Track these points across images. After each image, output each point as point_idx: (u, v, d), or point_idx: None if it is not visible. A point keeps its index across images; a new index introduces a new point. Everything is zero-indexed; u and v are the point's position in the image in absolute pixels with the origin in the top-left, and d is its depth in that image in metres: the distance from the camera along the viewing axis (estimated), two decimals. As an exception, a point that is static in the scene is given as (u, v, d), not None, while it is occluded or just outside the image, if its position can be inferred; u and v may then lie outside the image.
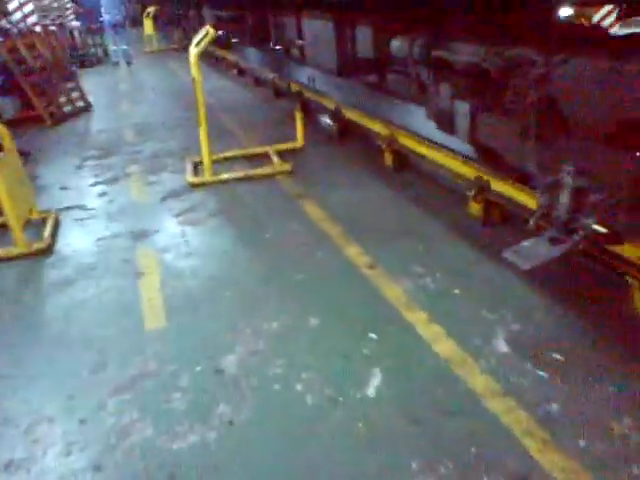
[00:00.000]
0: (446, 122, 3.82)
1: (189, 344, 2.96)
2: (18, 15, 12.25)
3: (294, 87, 7.57)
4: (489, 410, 2.38)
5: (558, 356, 2.64)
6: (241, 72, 10.85)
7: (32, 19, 12.93)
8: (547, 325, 2.88)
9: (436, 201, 4.43)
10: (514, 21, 3.09)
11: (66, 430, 2.44)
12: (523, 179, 3.46)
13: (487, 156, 3.74)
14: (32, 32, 9.49)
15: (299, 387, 2.58)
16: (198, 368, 2.76)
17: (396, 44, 4.34)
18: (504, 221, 3.92)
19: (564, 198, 2.72)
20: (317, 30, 6.04)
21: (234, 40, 11.13)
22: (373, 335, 2.91)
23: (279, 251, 3.88)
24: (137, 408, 2.52)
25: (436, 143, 4.52)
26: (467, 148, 4.47)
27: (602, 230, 2.65)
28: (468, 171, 4.04)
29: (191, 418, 2.45)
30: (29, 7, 13.26)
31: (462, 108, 3.61)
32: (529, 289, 3.18)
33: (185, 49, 15.95)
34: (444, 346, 2.79)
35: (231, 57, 11.40)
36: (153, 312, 3.26)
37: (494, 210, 3.92)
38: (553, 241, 2.79)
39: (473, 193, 3.92)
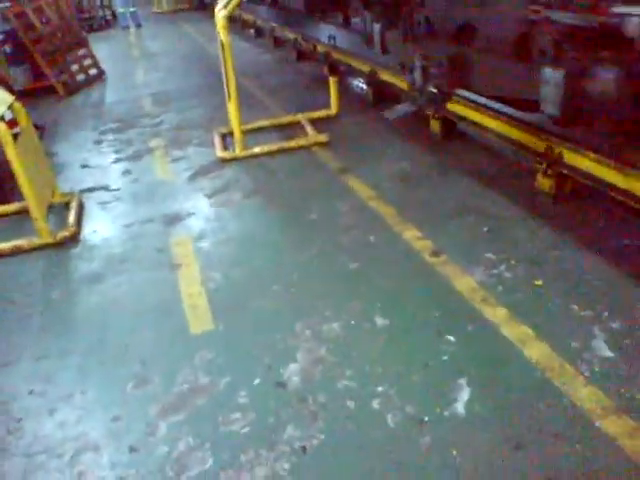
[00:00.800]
0: (368, 41, 4.92)
1: (242, 350, 2.62)
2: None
3: (321, 48, 7.05)
4: (603, 431, 2.03)
5: (675, 363, 2.28)
6: (259, 32, 10.27)
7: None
8: (653, 323, 2.51)
9: (495, 173, 4.00)
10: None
11: (115, 461, 2.13)
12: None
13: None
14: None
15: (376, 404, 2.25)
16: (257, 381, 2.43)
17: None
18: (577, 196, 3.50)
19: (417, 74, 4.06)
20: None
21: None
22: (451, 337, 2.55)
23: (328, 236, 3.50)
24: (192, 432, 2.21)
25: (491, 108, 4.07)
26: (533, 116, 4.05)
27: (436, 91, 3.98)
28: (535, 142, 3.61)
29: (256, 444, 2.12)
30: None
31: (376, 28, 4.68)
32: (622, 276, 2.79)
33: (196, 9, 15.48)
34: (536, 350, 2.42)
35: (247, 16, 10.78)
36: (197, 312, 2.92)
37: (567, 184, 3.50)
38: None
39: (544, 167, 3.49)
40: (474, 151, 4.39)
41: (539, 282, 2.84)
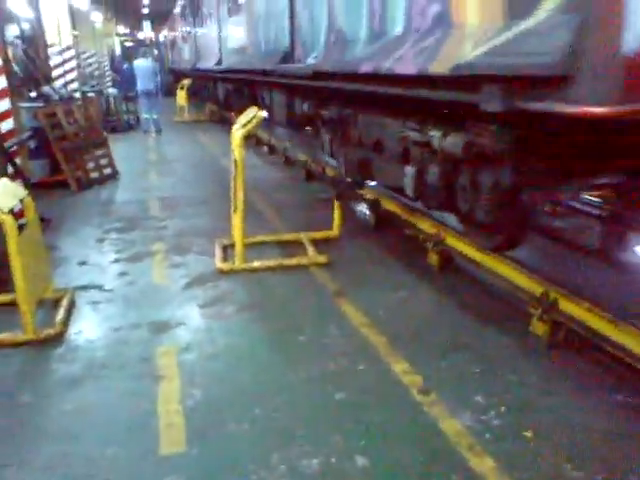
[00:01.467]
0: (322, 147, 7.01)
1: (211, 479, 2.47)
2: (61, 82, 12.48)
3: (329, 172, 7.36)
4: None
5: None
6: (272, 150, 10.77)
7: (73, 86, 13.19)
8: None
9: (490, 313, 3.99)
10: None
11: None
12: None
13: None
14: (72, 98, 9.52)
15: None
16: (223, 518, 2.26)
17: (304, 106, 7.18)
18: (572, 344, 3.46)
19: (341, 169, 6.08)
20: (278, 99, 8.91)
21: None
22: (435, 487, 2.41)
23: (316, 360, 3.43)
24: None
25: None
26: (529, 258, 4.14)
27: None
28: (531, 285, 3.64)
29: None
30: (72, 75, 13.59)
31: (326, 138, 6.74)
32: (615, 433, 2.68)
33: (215, 121, 16.38)
34: (524, 512, 2.27)
35: (262, 134, 11.38)
36: (171, 431, 2.78)
37: (562, 331, 3.47)
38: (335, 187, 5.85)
39: (539, 312, 3.49)
40: (471, 287, 4.41)
41: (529, 433, 2.73)
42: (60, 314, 3.88)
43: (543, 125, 3.01)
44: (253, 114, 4.57)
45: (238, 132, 4.59)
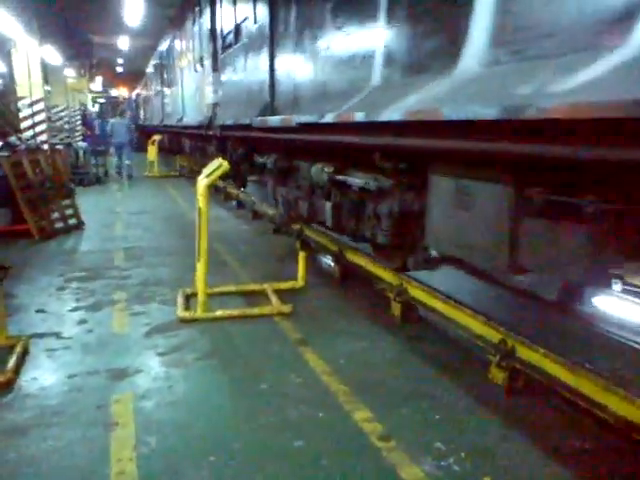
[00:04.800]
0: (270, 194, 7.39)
1: (163, 529, 2.37)
2: (29, 133, 12.50)
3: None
4: None
5: None
6: (240, 204, 10.87)
7: (42, 137, 13.21)
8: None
9: (450, 361, 4.02)
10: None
11: None
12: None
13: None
14: (39, 149, 9.52)
15: None
16: None
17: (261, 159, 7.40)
18: (531, 391, 3.49)
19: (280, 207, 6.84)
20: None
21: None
22: (393, 535, 2.36)
23: (276, 407, 3.37)
24: None
25: (451, 297, 4.23)
26: (489, 306, 4.22)
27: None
28: (490, 333, 3.70)
29: None
30: (42, 127, 13.64)
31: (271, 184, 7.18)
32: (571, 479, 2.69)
33: (184, 176, 16.57)
34: None
35: (231, 189, 11.49)
36: (122, 479, 2.68)
37: (520, 378, 3.51)
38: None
39: (497, 359, 3.54)
40: (432, 336, 4.45)
41: (488, 479, 2.72)
42: (12, 361, 3.76)
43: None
44: (218, 164, 4.65)
45: (202, 181, 4.66)
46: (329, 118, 4.04)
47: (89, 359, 4.01)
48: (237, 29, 7.49)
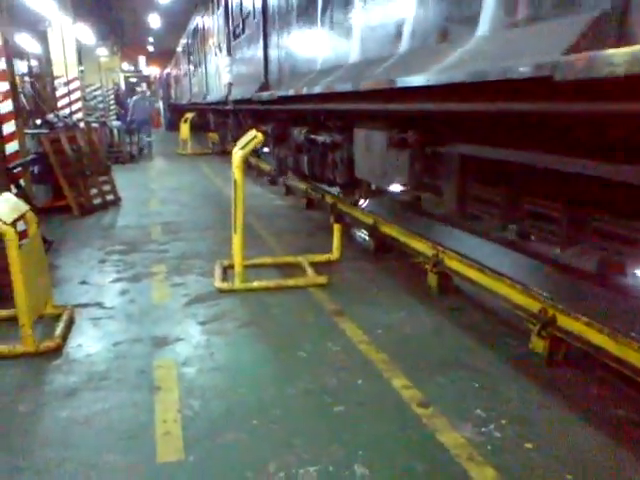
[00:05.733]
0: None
1: (209, 486, 2.44)
2: (66, 111, 12.75)
3: (329, 199, 7.44)
4: None
5: None
6: (272, 181, 10.89)
7: (78, 115, 13.47)
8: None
9: (489, 330, 4.00)
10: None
11: None
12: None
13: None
14: (76, 126, 9.69)
15: None
16: (220, 523, 2.23)
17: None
18: (572, 359, 3.45)
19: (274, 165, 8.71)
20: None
21: (266, 149, 11.33)
22: (434, 496, 2.38)
23: (315, 374, 3.42)
24: None
25: (487, 267, 4.18)
26: (528, 276, 4.16)
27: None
28: (529, 302, 3.66)
29: None
30: (77, 105, 13.91)
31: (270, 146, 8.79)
32: (614, 447, 2.66)
33: (217, 154, 16.70)
34: (525, 520, 2.24)
35: (264, 165, 11.51)
36: (168, 439, 2.76)
37: (561, 347, 3.47)
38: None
39: (537, 328, 3.50)
40: (470, 306, 4.43)
41: (529, 445, 2.71)
42: (60, 328, 3.88)
43: None
44: (252, 136, 4.65)
45: (237, 154, 4.67)
46: (293, 92, 5.77)
47: (132, 328, 4.11)
48: (243, 23, 9.49)
